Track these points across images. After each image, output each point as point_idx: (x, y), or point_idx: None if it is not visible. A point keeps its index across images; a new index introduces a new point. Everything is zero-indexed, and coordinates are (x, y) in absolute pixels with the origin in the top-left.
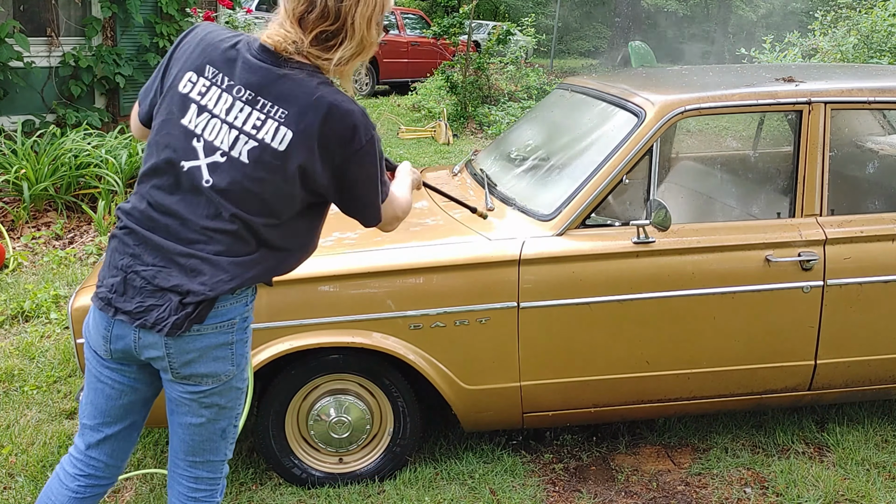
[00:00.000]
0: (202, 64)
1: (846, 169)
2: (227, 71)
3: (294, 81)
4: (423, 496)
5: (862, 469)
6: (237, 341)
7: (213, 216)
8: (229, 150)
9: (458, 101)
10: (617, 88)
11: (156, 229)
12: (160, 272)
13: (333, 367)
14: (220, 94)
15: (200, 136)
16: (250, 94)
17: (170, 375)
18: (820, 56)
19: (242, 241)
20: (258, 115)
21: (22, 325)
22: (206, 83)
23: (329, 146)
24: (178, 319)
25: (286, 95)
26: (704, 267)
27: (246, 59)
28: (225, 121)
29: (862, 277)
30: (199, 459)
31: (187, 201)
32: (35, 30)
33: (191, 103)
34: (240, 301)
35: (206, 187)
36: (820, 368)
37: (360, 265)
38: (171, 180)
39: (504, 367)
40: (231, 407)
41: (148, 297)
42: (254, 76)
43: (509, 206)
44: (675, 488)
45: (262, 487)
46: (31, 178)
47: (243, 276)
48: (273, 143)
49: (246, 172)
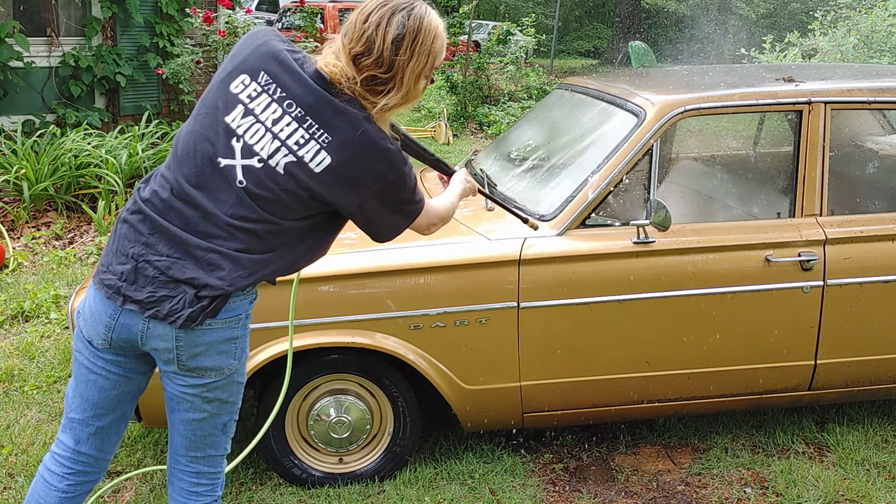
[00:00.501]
0: (258, 69)
1: (846, 169)
2: (282, 84)
3: (343, 112)
4: (423, 496)
5: (862, 469)
6: (241, 336)
7: (239, 216)
8: (267, 158)
9: (458, 101)
10: (617, 88)
11: (174, 219)
12: (175, 263)
13: (333, 367)
14: (270, 103)
15: (241, 136)
16: (300, 111)
17: (174, 367)
18: (820, 56)
19: (262, 240)
20: (304, 133)
21: (22, 325)
22: (258, 88)
23: (362, 179)
24: (194, 312)
25: (333, 123)
26: (704, 267)
27: (303, 78)
28: (270, 129)
29: (862, 277)
30: (200, 455)
31: (215, 196)
32: (35, 30)
33: (238, 103)
34: (248, 297)
35: (239, 188)
36: (820, 368)
37: (360, 265)
38: (202, 173)
39: (504, 367)
40: (232, 402)
41: (160, 288)
42: (307, 96)
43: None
44: (675, 488)
45: (262, 487)
46: (31, 178)
47: (259, 272)
48: (311, 163)
49: (279, 182)
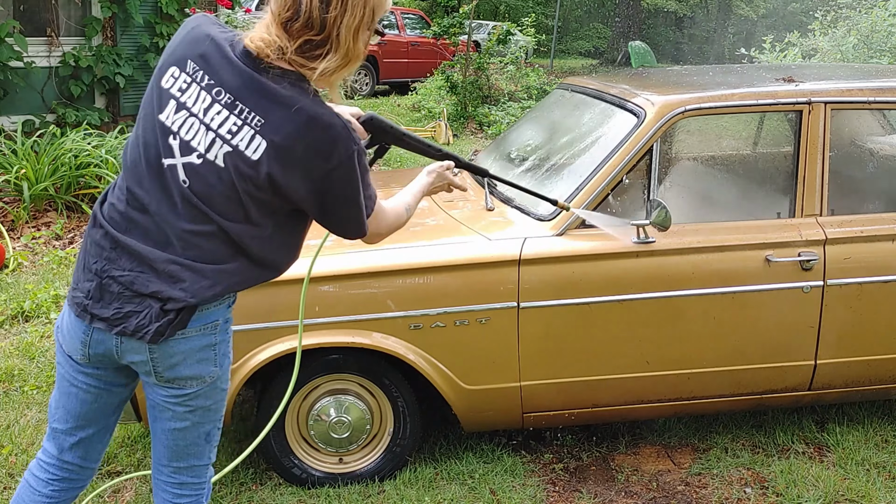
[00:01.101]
0: (185, 59)
1: (846, 169)
2: (209, 69)
3: (274, 90)
4: (423, 496)
5: (862, 469)
6: (220, 342)
7: (191, 219)
8: (205, 153)
9: (458, 101)
10: (617, 88)
11: (132, 232)
12: (138, 277)
13: (333, 367)
14: (200, 93)
15: (177, 133)
16: (229, 97)
17: (153, 379)
18: (820, 56)
19: (221, 246)
20: (235, 119)
21: (22, 325)
22: (188, 79)
23: (306, 160)
24: (161, 326)
25: (265, 103)
26: (704, 267)
27: (230, 59)
28: (202, 121)
29: (862, 277)
30: (182, 465)
31: (167, 203)
32: (35, 30)
33: (170, 99)
34: (223, 303)
35: (185, 188)
36: (820, 368)
37: (360, 265)
38: (150, 179)
39: (504, 367)
40: (215, 409)
41: (126, 303)
42: (234, 79)
43: (509, 205)
44: (675, 488)
45: (262, 487)
46: (31, 178)
47: (225, 282)
48: (247, 151)
49: (221, 177)
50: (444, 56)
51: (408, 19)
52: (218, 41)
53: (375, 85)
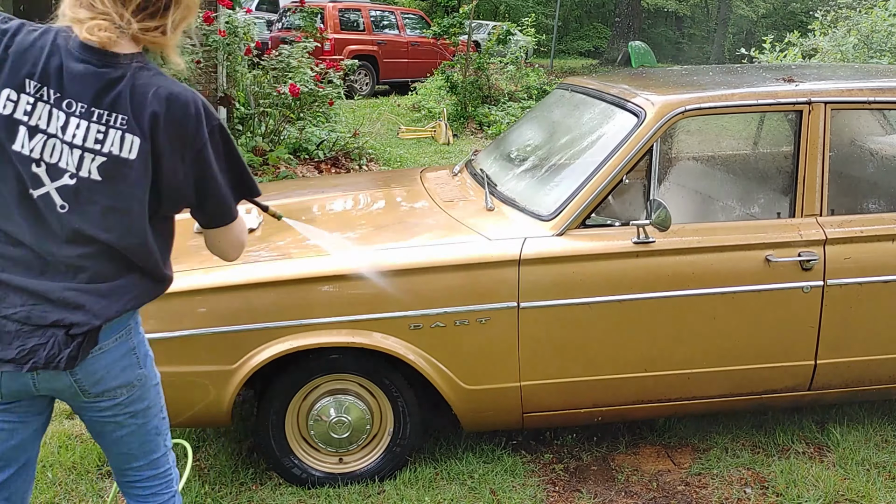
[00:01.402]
0: (20, 78)
1: (846, 169)
2: (52, 83)
3: (126, 81)
4: (423, 496)
5: (862, 469)
6: (138, 343)
7: (73, 242)
8: (77, 171)
9: (458, 101)
10: (617, 88)
11: (12, 269)
12: (33, 310)
13: (333, 367)
14: (51, 111)
15: (39, 160)
16: (83, 106)
17: (81, 399)
18: (820, 56)
19: (109, 264)
20: (97, 127)
21: None
22: (31, 100)
23: (177, 141)
24: (72, 351)
25: (122, 99)
26: (704, 267)
27: (69, 65)
28: (63, 140)
29: (862, 277)
30: (143, 462)
31: (42, 232)
32: None
33: (17, 126)
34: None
35: (64, 213)
36: (820, 368)
37: (360, 265)
38: (20, 212)
39: (504, 367)
40: (154, 404)
41: (28, 339)
42: (82, 85)
43: (509, 205)
44: (675, 488)
45: (262, 487)
46: None
47: (124, 297)
48: (122, 153)
49: (101, 191)
50: (444, 56)
51: (408, 19)
52: (48, 43)
53: (375, 85)
